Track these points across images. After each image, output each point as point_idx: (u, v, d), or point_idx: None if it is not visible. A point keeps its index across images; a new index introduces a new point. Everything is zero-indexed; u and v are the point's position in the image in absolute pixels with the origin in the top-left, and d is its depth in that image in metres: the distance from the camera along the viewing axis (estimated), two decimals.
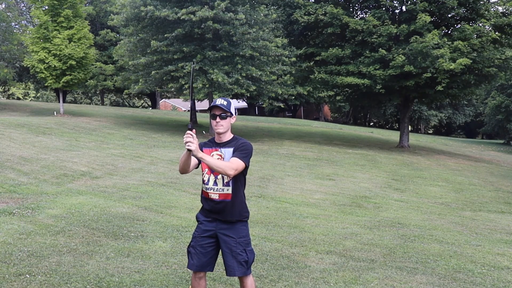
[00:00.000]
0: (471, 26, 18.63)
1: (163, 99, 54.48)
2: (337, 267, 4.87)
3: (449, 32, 19.93)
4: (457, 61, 17.03)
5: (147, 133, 19.17)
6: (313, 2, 20.44)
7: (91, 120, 21.53)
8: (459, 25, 19.95)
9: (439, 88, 17.89)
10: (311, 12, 19.47)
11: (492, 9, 19.10)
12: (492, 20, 18.49)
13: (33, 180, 8.76)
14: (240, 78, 17.80)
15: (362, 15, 21.86)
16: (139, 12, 17.84)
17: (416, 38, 17.38)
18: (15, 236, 5.29)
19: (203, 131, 20.40)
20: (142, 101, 64.92)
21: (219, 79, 17.09)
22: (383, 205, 8.88)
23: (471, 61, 17.46)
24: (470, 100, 51.75)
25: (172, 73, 18.06)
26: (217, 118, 3.18)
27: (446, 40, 17.62)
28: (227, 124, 3.20)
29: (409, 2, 19.25)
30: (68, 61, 20.53)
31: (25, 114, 22.90)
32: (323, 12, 19.00)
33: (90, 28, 23.34)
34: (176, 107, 52.58)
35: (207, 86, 17.83)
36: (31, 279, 4.12)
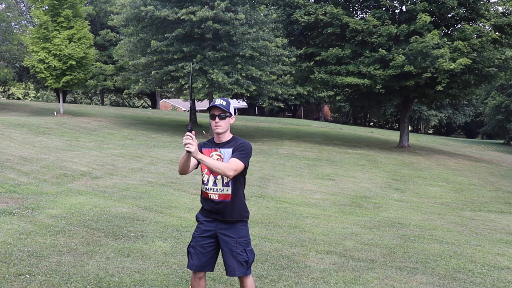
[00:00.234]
0: (471, 26, 18.63)
1: (163, 99, 54.49)
2: (337, 267, 4.87)
3: (449, 32, 19.93)
4: (457, 61, 17.03)
5: (147, 133, 19.17)
6: (313, 2, 20.43)
7: (91, 120, 21.53)
8: (459, 25, 19.96)
9: (439, 88, 17.89)
10: (311, 12, 19.47)
11: (492, 9, 19.09)
12: (492, 20, 18.49)
13: (33, 180, 8.76)
14: (240, 78, 17.80)
15: (362, 15, 21.86)
16: (139, 12, 17.84)
17: (416, 38, 17.37)
18: (15, 236, 5.29)
19: (203, 131, 20.40)
20: (142, 101, 64.92)
21: (219, 79, 17.09)
22: (383, 205, 8.88)
23: (471, 61, 17.46)
24: (470, 100, 51.72)
25: (172, 73, 18.06)
26: (216, 118, 3.17)
27: (446, 40, 17.62)
28: (226, 124, 3.20)
29: (409, 2, 19.25)
30: (68, 61, 20.54)
31: (25, 114, 22.89)
32: (323, 12, 19.00)
33: (90, 28, 23.34)
34: (176, 107, 52.58)
35: (207, 86, 17.83)
36: (31, 279, 4.12)
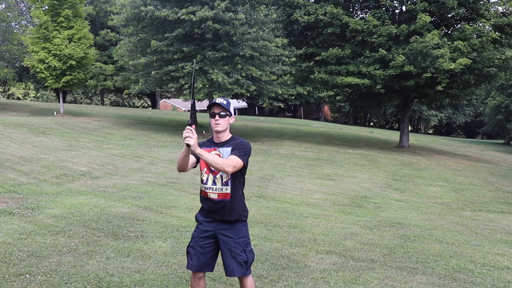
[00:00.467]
0: (471, 26, 18.62)
1: (163, 99, 54.49)
2: (337, 267, 4.87)
3: (449, 32, 19.92)
4: (457, 61, 17.03)
5: (147, 133, 19.17)
6: (313, 2, 20.42)
7: (91, 120, 21.53)
8: (459, 25, 19.95)
9: (439, 88, 17.88)
10: (311, 12, 19.46)
11: (492, 9, 19.08)
12: (492, 20, 18.48)
13: (33, 180, 8.76)
14: (240, 78, 17.80)
15: (362, 15, 21.86)
16: (139, 12, 17.83)
17: (416, 38, 17.37)
18: (15, 236, 5.29)
19: (203, 131, 20.39)
20: (142, 101, 64.92)
21: (219, 79, 17.09)
22: (383, 205, 8.88)
23: (471, 61, 17.46)
24: (470, 100, 51.72)
25: (172, 73, 18.04)
26: (216, 116, 3.18)
27: (446, 40, 17.61)
28: (226, 123, 3.20)
29: (409, 2, 19.24)
30: (68, 61, 20.54)
31: (25, 114, 22.89)
32: (323, 12, 19.00)
33: (90, 28, 23.34)
34: (176, 107, 52.59)
35: (207, 86, 17.82)
36: (31, 279, 4.12)
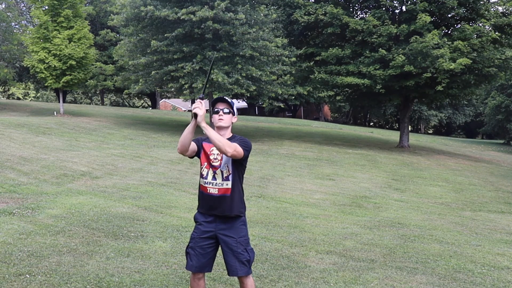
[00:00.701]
0: (471, 26, 18.61)
1: (163, 99, 54.48)
2: (337, 267, 4.87)
3: (449, 32, 19.91)
4: (457, 61, 17.02)
5: (147, 133, 19.17)
6: (313, 2, 20.42)
7: (91, 120, 21.53)
8: (459, 25, 19.93)
9: (439, 88, 17.88)
10: (311, 12, 19.46)
11: (492, 9, 19.07)
12: (492, 20, 18.47)
13: (33, 180, 8.76)
14: (240, 78, 17.79)
15: (362, 15, 21.85)
16: (139, 12, 17.83)
17: (416, 38, 17.37)
18: (15, 236, 5.29)
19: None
20: (142, 101, 64.92)
21: (219, 79, 17.08)
22: (383, 205, 8.88)
23: (471, 61, 17.45)
24: (470, 100, 51.72)
25: (172, 73, 18.04)
26: (220, 112, 3.20)
27: (446, 40, 17.60)
28: (229, 120, 3.22)
29: (409, 2, 19.24)
30: (68, 61, 20.53)
31: (25, 114, 22.89)
32: (323, 12, 18.99)
33: (90, 28, 23.34)
34: (176, 107, 52.58)
35: (207, 86, 17.82)
36: (31, 279, 4.12)
